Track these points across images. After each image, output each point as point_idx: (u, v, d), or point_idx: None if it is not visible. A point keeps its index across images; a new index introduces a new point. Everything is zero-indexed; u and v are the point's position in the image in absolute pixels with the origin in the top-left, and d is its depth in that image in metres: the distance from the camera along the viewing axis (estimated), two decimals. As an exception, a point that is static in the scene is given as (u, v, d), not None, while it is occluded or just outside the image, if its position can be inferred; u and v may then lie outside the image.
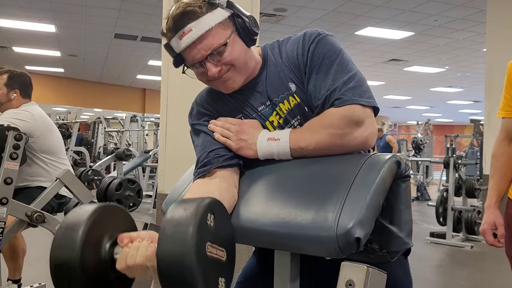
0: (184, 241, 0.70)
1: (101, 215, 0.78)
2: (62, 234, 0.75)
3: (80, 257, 0.73)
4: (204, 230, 0.74)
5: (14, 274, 2.78)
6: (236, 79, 1.07)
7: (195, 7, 1.00)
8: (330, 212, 0.86)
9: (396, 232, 1.00)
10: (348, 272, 0.78)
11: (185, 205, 0.75)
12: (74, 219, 0.76)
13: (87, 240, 0.74)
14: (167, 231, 0.72)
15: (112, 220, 0.82)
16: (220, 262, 0.78)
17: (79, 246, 0.73)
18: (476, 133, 8.98)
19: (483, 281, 3.89)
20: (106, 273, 0.78)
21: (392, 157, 0.95)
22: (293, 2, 6.67)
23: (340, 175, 0.94)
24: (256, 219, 0.95)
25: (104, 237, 0.79)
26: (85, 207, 0.79)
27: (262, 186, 1.02)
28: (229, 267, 0.81)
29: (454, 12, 6.96)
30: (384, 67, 11.44)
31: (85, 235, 0.74)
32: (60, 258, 0.73)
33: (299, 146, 1.02)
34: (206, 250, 0.74)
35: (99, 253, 0.77)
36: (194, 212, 0.73)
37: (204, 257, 0.73)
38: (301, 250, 0.91)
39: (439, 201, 5.41)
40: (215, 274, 0.76)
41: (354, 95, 1.00)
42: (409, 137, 13.81)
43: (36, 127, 2.62)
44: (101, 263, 0.78)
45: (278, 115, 1.09)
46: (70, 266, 0.73)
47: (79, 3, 6.95)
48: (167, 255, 0.70)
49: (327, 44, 1.06)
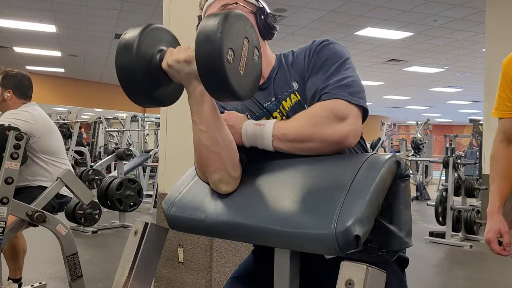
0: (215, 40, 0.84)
1: (151, 30, 0.95)
2: (121, 46, 0.92)
3: (136, 59, 0.91)
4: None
5: (14, 273, 2.79)
6: None
7: None
8: (330, 210, 0.87)
9: (395, 232, 1.01)
10: (348, 272, 0.78)
11: (215, 15, 0.89)
12: (130, 33, 0.93)
13: (141, 48, 0.92)
14: (201, 34, 0.86)
15: (160, 35, 0.99)
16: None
17: (135, 51, 0.91)
18: (475, 133, 9.00)
19: (483, 280, 3.89)
20: (156, 73, 0.95)
21: (392, 157, 0.96)
22: (293, 2, 6.68)
23: (340, 174, 0.94)
24: (256, 217, 0.95)
25: (154, 47, 0.96)
26: (136, 27, 0.95)
27: (261, 184, 1.03)
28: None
29: (454, 12, 6.97)
30: (383, 67, 11.44)
31: (140, 44, 0.92)
32: (122, 62, 0.92)
33: (281, 133, 1.03)
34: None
35: (151, 57, 0.95)
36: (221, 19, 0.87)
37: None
38: (301, 248, 0.91)
39: (438, 200, 5.42)
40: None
41: (342, 91, 1.03)
42: (408, 137, 13.81)
43: (36, 128, 2.62)
44: (152, 64, 0.95)
45: (281, 112, 1.13)
46: (129, 67, 0.91)
47: (79, 3, 6.95)
48: (202, 48, 0.85)
49: (333, 49, 1.11)
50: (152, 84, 0.96)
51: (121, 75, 0.93)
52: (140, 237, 1.06)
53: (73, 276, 2.25)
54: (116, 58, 0.93)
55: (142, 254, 1.05)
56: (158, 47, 0.97)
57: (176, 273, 2.72)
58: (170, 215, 1.08)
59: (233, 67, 0.87)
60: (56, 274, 3.53)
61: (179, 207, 1.07)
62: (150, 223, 1.08)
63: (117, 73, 0.93)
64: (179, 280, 2.71)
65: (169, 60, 0.93)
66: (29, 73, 2.91)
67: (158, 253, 1.10)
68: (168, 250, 2.72)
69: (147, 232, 1.07)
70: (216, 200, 1.04)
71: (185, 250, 2.68)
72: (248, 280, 1.22)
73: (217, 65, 0.84)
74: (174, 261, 2.72)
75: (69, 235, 2.27)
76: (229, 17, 0.88)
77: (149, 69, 0.94)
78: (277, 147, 1.04)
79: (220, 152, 1.01)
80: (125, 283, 1.03)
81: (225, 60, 0.84)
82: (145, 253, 1.06)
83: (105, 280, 3.41)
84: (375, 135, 12.52)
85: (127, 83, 0.94)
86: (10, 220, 2.22)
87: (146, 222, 1.08)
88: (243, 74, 0.91)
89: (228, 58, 0.85)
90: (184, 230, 1.09)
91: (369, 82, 13.24)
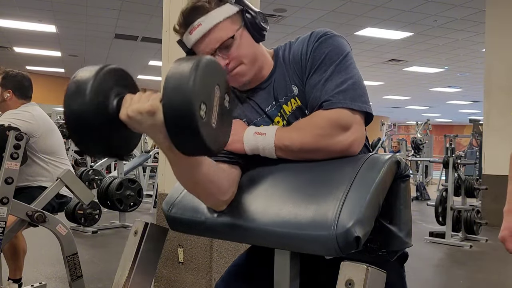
0: (187, 90, 0.75)
1: (107, 70, 0.86)
2: (73, 88, 0.83)
3: (90, 105, 0.80)
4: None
5: (14, 273, 2.78)
6: (245, 73, 1.08)
7: (204, 2, 1.03)
8: (330, 211, 0.87)
9: (395, 232, 1.01)
10: (348, 272, 0.78)
11: (185, 61, 0.80)
12: (83, 75, 0.84)
13: (96, 92, 0.81)
14: (171, 82, 0.77)
15: (117, 77, 0.89)
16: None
17: (89, 96, 0.80)
18: (475, 133, 9.01)
19: (482, 280, 3.89)
20: (111, 123, 0.84)
21: (392, 157, 0.96)
22: (292, 2, 6.68)
23: (340, 175, 0.94)
24: (256, 218, 0.95)
25: (111, 90, 0.86)
26: (90, 66, 0.87)
27: (262, 186, 1.03)
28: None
29: (454, 12, 6.97)
30: (383, 67, 11.44)
31: (95, 87, 0.81)
32: (73, 108, 0.81)
33: (283, 144, 1.01)
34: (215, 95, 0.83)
35: (106, 104, 0.84)
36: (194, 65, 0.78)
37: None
38: (301, 249, 0.91)
39: (438, 200, 5.41)
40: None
41: (345, 99, 0.99)
42: (408, 137, 13.80)
43: (36, 128, 2.62)
44: (108, 113, 0.83)
45: (282, 117, 1.10)
46: (82, 114, 0.80)
47: (79, 3, 6.95)
48: (172, 102, 0.76)
49: (332, 44, 1.05)
50: (107, 134, 0.84)
51: (72, 123, 0.81)
52: (140, 237, 1.06)
53: (73, 276, 2.25)
54: (66, 103, 0.81)
55: (142, 254, 1.05)
56: (115, 91, 0.86)
57: (176, 273, 2.72)
58: (171, 216, 1.08)
59: (205, 123, 0.78)
60: (56, 274, 3.53)
61: (180, 208, 1.07)
62: (150, 223, 1.08)
63: (66, 120, 0.81)
64: (179, 280, 2.71)
65: (128, 110, 0.81)
66: (29, 73, 2.90)
67: (158, 253, 1.10)
68: (168, 250, 2.72)
69: (147, 232, 1.07)
70: (216, 201, 1.03)
71: (185, 250, 2.68)
72: (245, 277, 1.21)
73: (189, 122, 0.75)
74: (174, 261, 2.72)
75: (69, 235, 2.27)
76: (202, 64, 0.78)
77: (104, 117, 0.82)
78: (280, 156, 1.03)
79: (203, 187, 0.98)
80: (125, 283, 1.03)
81: (198, 116, 0.75)
82: (145, 253, 1.06)
83: (105, 280, 3.40)
84: (375, 135, 12.51)
85: (78, 132, 0.81)
86: (10, 220, 2.22)
87: (146, 222, 1.08)
88: (215, 126, 0.82)
89: (201, 113, 0.76)
90: (184, 231, 1.09)
91: (369, 82, 13.24)
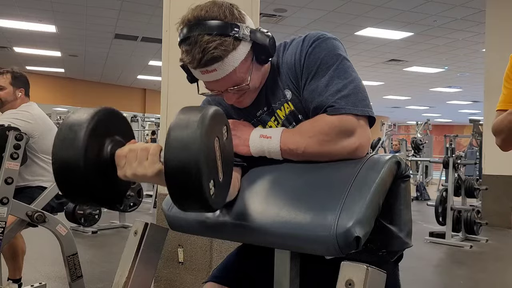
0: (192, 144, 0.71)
1: (102, 116, 0.79)
2: (65, 134, 0.75)
3: (83, 156, 0.74)
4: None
5: (14, 273, 2.78)
6: (250, 97, 1.09)
7: (220, 49, 0.94)
8: (330, 211, 0.87)
9: (395, 232, 1.01)
10: (348, 272, 0.78)
11: (189, 112, 0.75)
12: (76, 119, 0.76)
13: (89, 140, 0.75)
14: (173, 137, 0.72)
15: (111, 123, 0.83)
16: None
17: (82, 145, 0.74)
18: (475, 133, 9.00)
19: (483, 280, 3.89)
20: (107, 172, 0.79)
21: (392, 157, 0.96)
22: (293, 2, 6.68)
23: (340, 175, 0.94)
24: (256, 218, 0.95)
25: (105, 138, 0.80)
26: (84, 109, 0.79)
27: (262, 186, 1.03)
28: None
29: (454, 12, 6.97)
30: (383, 67, 11.44)
31: (88, 135, 0.75)
32: (63, 157, 0.74)
33: (288, 148, 1.02)
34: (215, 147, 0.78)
35: (101, 154, 0.78)
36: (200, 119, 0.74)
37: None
38: (301, 249, 0.91)
39: (438, 200, 5.41)
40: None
41: (347, 104, 0.99)
42: (408, 137, 13.80)
43: (36, 127, 2.62)
44: (102, 163, 0.78)
45: (276, 121, 1.11)
46: (72, 165, 0.74)
47: (79, 3, 6.95)
48: (176, 160, 0.70)
49: (326, 49, 1.02)
50: (99, 184, 0.79)
51: (61, 170, 0.75)
52: (140, 237, 1.06)
53: (73, 276, 2.25)
54: (57, 149, 0.75)
55: (142, 254, 1.05)
56: (110, 138, 0.81)
57: (176, 273, 2.72)
58: (171, 216, 1.08)
59: (215, 195, 0.75)
60: (56, 274, 3.53)
61: (179, 207, 1.07)
62: (150, 223, 1.08)
63: (55, 167, 0.75)
64: (179, 280, 2.71)
65: (127, 173, 0.79)
66: (29, 73, 2.92)
67: (158, 253, 1.10)
68: (168, 250, 2.72)
69: (147, 232, 1.07)
70: (216, 201, 1.03)
71: (185, 250, 2.68)
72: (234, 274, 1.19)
73: (198, 198, 0.72)
74: (174, 261, 2.72)
75: (69, 235, 2.27)
76: (206, 131, 0.73)
77: (97, 166, 0.78)
78: (286, 157, 1.05)
79: None
80: (125, 283, 1.03)
81: (208, 194, 0.72)
82: (145, 253, 1.06)
83: (105, 280, 3.40)
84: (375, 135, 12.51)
85: (66, 180, 0.76)
86: (10, 220, 2.22)
87: (146, 222, 1.08)
88: (221, 181, 0.79)
89: (210, 192, 0.72)
90: (184, 230, 1.09)
91: (369, 82, 13.24)
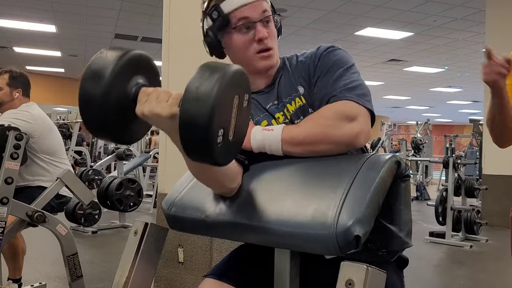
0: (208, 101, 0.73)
1: (133, 57, 0.82)
2: (92, 71, 0.78)
3: (107, 92, 0.77)
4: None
5: (14, 273, 2.78)
6: (274, 57, 1.13)
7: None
8: (330, 210, 0.87)
9: (395, 232, 1.01)
10: (348, 272, 0.78)
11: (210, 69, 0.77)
12: (110, 55, 0.80)
13: (115, 78, 0.78)
14: (191, 90, 0.75)
15: (142, 67, 0.86)
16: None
17: (109, 81, 0.77)
18: (476, 133, 9.00)
19: (483, 280, 3.89)
20: (127, 112, 0.82)
21: (392, 157, 0.97)
22: (293, 2, 6.68)
23: (340, 174, 0.94)
24: (256, 217, 0.95)
25: (132, 77, 0.83)
26: (119, 47, 0.83)
27: (262, 185, 1.03)
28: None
29: (454, 12, 6.97)
30: (383, 67, 11.44)
31: (114, 73, 0.78)
32: (87, 91, 0.77)
33: (290, 136, 1.02)
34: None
35: (125, 90, 0.81)
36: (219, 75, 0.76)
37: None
38: (301, 248, 0.91)
39: (438, 200, 5.41)
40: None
41: (350, 93, 1.03)
42: (408, 137, 13.80)
43: (36, 127, 2.63)
44: (124, 102, 0.81)
45: (284, 115, 1.12)
46: (95, 100, 0.77)
47: (79, 3, 6.95)
48: (189, 123, 0.73)
49: (338, 55, 1.11)
50: (121, 122, 0.83)
51: (86, 106, 0.78)
52: (140, 237, 1.06)
53: (73, 276, 2.25)
54: (83, 84, 0.78)
55: (142, 254, 1.05)
56: (135, 81, 0.83)
57: (176, 273, 2.72)
58: (170, 215, 1.08)
59: (220, 147, 0.77)
60: (56, 274, 3.53)
61: (179, 207, 1.07)
62: (150, 223, 1.08)
63: (81, 102, 0.78)
64: (179, 280, 2.71)
65: (145, 110, 0.81)
66: (29, 73, 2.91)
67: (158, 253, 1.10)
68: (168, 250, 2.72)
69: (147, 232, 1.07)
70: (216, 200, 1.03)
71: (185, 250, 2.68)
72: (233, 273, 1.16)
73: (204, 148, 0.75)
74: (174, 261, 2.72)
75: (69, 235, 2.27)
76: (225, 83, 0.75)
77: (120, 105, 0.80)
78: (287, 151, 1.03)
79: (213, 177, 0.98)
80: (125, 283, 1.03)
81: (215, 144, 0.75)
82: (145, 253, 1.06)
83: (105, 280, 3.40)
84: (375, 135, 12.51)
85: (92, 117, 0.79)
86: (10, 220, 2.22)
87: (146, 222, 1.08)
88: (231, 140, 0.81)
89: (218, 140, 0.75)
90: (184, 230, 1.09)
91: (369, 82, 13.24)
